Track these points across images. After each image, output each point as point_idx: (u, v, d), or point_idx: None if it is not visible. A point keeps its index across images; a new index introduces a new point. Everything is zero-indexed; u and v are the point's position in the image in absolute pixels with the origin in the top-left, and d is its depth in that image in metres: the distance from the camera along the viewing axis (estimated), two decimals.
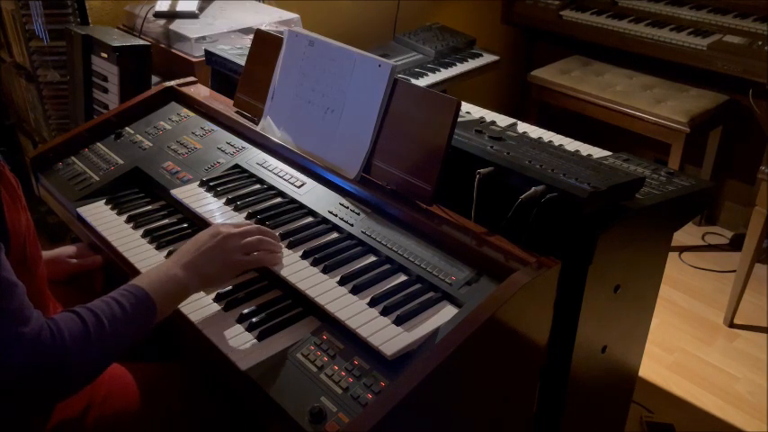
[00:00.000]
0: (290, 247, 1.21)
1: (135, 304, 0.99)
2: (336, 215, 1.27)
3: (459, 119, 1.24)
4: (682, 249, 2.82)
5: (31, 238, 1.04)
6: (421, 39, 2.74)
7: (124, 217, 1.40)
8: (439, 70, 2.57)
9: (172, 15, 2.25)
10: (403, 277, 1.14)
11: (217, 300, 1.15)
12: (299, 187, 1.37)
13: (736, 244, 2.83)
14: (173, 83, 1.77)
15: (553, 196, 1.09)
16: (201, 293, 1.16)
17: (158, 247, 1.30)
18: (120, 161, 1.56)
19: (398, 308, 1.05)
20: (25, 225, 1.03)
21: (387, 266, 1.16)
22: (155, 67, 2.02)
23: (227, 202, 1.35)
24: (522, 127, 1.59)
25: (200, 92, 1.75)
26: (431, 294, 1.09)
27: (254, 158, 1.48)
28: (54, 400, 1.00)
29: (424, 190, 1.20)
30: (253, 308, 1.13)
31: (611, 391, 1.54)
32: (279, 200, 1.37)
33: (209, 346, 1.07)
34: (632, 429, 1.92)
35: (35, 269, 1.06)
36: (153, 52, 1.99)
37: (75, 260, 1.38)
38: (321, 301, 1.08)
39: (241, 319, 1.10)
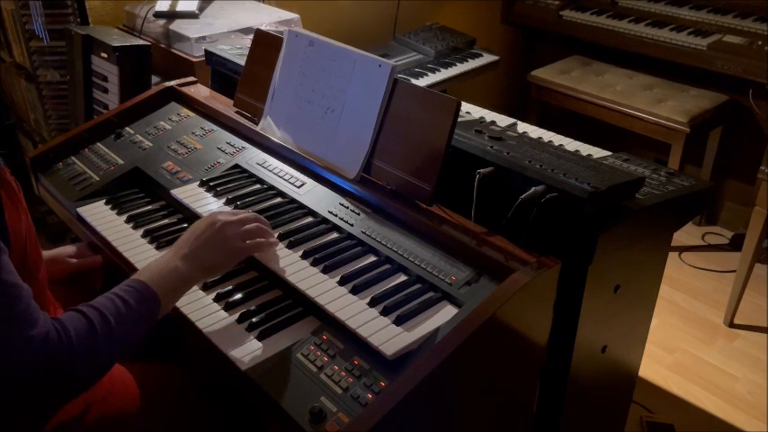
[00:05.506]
0: (290, 247, 1.21)
1: (139, 299, 0.99)
2: (336, 215, 1.27)
3: (460, 119, 1.24)
4: (682, 249, 2.82)
5: (31, 240, 1.04)
6: (421, 39, 2.74)
7: (124, 217, 1.40)
8: (439, 70, 2.57)
9: (172, 15, 2.25)
10: (403, 277, 1.14)
11: (217, 300, 1.15)
12: (299, 187, 1.37)
13: (736, 244, 2.83)
14: (173, 83, 1.77)
15: (553, 196, 1.09)
16: (201, 293, 1.16)
17: (158, 248, 1.30)
18: (120, 161, 1.56)
19: (398, 308, 1.05)
20: (26, 228, 1.02)
21: (387, 266, 1.16)
22: (155, 67, 2.02)
23: (228, 202, 1.35)
24: (522, 127, 1.59)
25: (201, 92, 1.75)
26: (431, 294, 1.09)
27: (254, 158, 1.48)
28: (63, 401, 0.99)
29: (424, 190, 1.20)
30: (253, 308, 1.13)
31: (611, 391, 1.55)
32: (279, 200, 1.37)
33: (209, 346, 1.07)
34: (632, 429, 1.92)
35: (36, 272, 1.05)
36: (153, 52, 1.99)
37: (75, 260, 1.38)
38: (321, 301, 1.08)
39: (241, 319, 1.10)
